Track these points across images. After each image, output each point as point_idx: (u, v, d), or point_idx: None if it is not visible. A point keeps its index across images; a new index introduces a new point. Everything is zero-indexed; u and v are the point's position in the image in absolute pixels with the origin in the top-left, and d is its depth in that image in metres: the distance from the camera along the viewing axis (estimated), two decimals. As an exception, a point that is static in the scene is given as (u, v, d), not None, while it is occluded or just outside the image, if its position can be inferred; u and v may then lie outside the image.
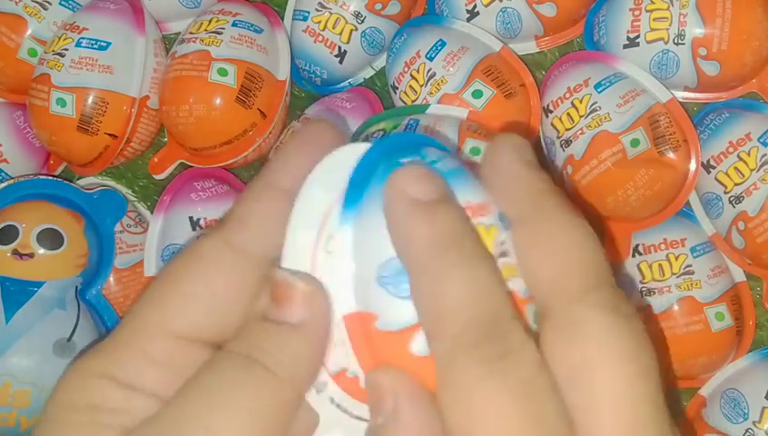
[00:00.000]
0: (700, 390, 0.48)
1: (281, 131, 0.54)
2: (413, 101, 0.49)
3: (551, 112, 0.49)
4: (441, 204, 0.21)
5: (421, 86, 0.49)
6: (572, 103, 0.48)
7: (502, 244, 0.21)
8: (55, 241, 0.51)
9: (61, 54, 0.52)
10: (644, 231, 0.48)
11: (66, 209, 0.52)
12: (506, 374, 0.19)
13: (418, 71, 0.49)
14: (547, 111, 0.49)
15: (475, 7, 0.50)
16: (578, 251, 0.21)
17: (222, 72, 0.50)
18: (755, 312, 0.49)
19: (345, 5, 0.51)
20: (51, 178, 0.55)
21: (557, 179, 0.48)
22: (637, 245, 0.48)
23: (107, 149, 0.53)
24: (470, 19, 0.50)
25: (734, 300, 0.48)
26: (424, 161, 0.22)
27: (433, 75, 0.48)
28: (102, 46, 0.52)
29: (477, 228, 0.21)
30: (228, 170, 0.54)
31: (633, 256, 0.48)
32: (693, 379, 0.49)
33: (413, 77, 0.49)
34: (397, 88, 0.50)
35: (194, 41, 0.51)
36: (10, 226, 0.50)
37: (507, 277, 0.21)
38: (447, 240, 0.21)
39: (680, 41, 0.47)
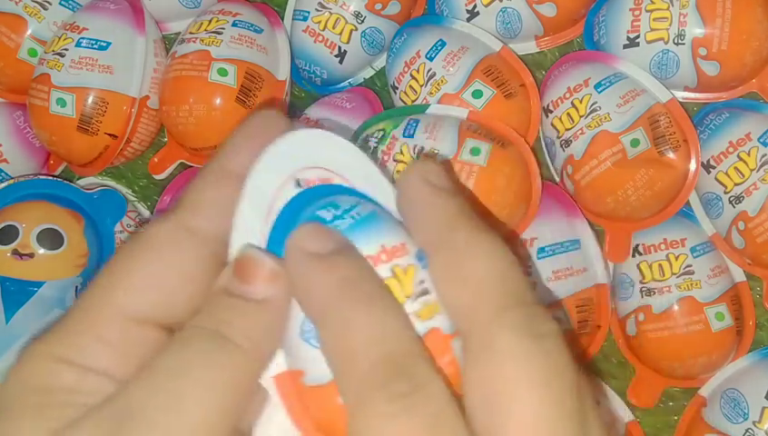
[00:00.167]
0: (700, 390, 0.48)
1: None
2: (413, 101, 0.49)
3: (551, 112, 0.49)
4: (338, 254, 0.22)
5: (421, 86, 0.49)
6: (572, 103, 0.48)
7: (421, 283, 0.22)
8: (55, 241, 0.51)
9: (61, 54, 0.52)
10: (644, 231, 0.48)
11: (66, 209, 0.52)
12: (414, 410, 0.19)
13: (418, 71, 0.49)
14: (547, 111, 0.49)
15: (475, 7, 0.50)
16: (489, 273, 0.21)
17: (222, 72, 0.50)
18: (755, 312, 0.49)
19: (345, 5, 0.51)
20: (51, 178, 0.55)
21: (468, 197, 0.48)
22: (637, 245, 0.48)
23: (107, 149, 0.53)
24: (470, 19, 0.50)
25: (734, 300, 0.48)
26: (338, 209, 0.23)
27: (433, 75, 0.48)
28: (102, 46, 0.52)
29: (394, 270, 0.22)
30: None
31: (633, 256, 0.48)
32: (693, 379, 0.49)
33: (413, 77, 0.49)
34: (397, 88, 0.50)
35: (194, 41, 0.51)
36: (10, 226, 0.50)
37: (430, 315, 0.21)
38: (345, 286, 0.21)
39: (680, 41, 0.47)
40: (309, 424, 0.22)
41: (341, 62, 0.52)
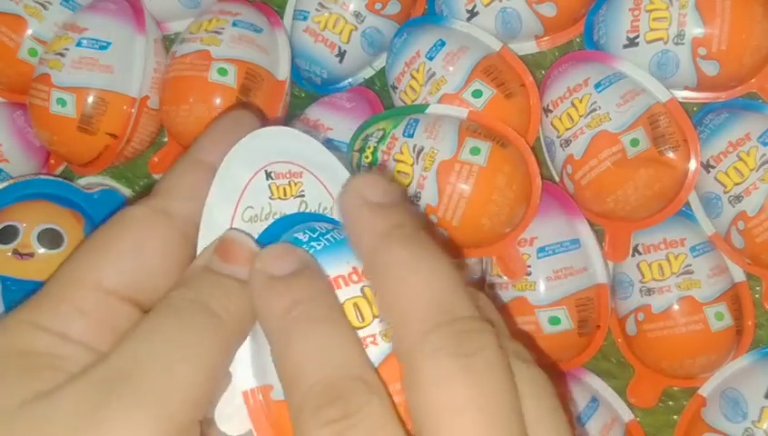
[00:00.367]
0: (699, 389, 0.48)
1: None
2: (413, 101, 0.49)
3: (551, 111, 0.49)
4: (296, 276, 0.22)
5: (421, 86, 0.49)
6: (572, 102, 0.48)
7: None
8: (55, 241, 0.51)
9: (61, 54, 0.52)
10: (643, 230, 0.48)
11: (66, 209, 0.52)
12: (349, 433, 0.19)
13: (418, 71, 0.49)
14: (547, 111, 0.49)
15: (475, 7, 0.50)
16: (415, 295, 0.21)
17: (222, 72, 0.50)
18: (755, 312, 0.49)
19: (345, 5, 0.51)
20: (51, 178, 0.55)
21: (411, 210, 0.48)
22: (637, 245, 0.48)
23: (107, 149, 0.53)
24: (470, 19, 0.50)
25: (734, 299, 0.48)
26: (314, 233, 0.24)
27: (433, 75, 0.48)
28: (102, 46, 0.52)
29: (364, 291, 0.22)
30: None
31: (633, 256, 0.49)
32: (692, 379, 0.49)
33: (413, 77, 0.49)
34: (397, 88, 0.50)
35: (194, 41, 0.51)
36: (10, 226, 0.50)
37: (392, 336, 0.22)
38: (295, 309, 0.21)
39: (679, 41, 0.47)
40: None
41: (341, 62, 0.53)
